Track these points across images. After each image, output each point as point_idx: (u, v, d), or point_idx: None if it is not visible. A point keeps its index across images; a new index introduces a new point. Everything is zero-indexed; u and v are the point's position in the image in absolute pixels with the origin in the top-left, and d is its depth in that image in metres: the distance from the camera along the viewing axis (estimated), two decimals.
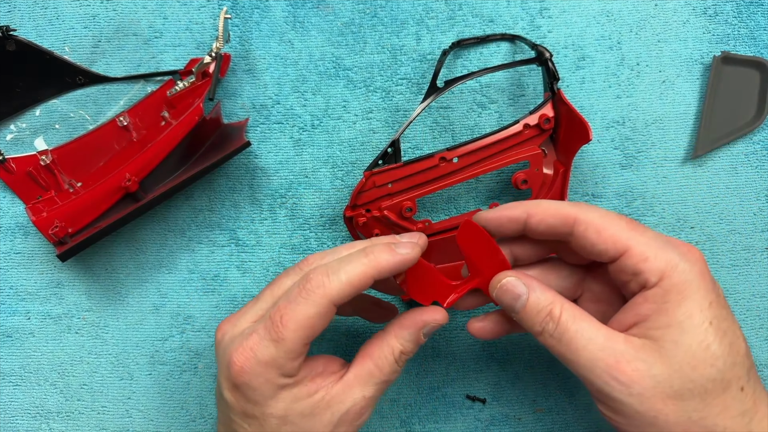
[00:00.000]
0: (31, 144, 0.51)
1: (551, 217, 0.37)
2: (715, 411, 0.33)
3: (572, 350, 0.35)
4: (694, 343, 0.33)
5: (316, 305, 0.36)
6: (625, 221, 0.36)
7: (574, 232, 0.36)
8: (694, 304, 0.34)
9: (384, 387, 0.39)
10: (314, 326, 0.36)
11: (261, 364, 0.36)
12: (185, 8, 0.51)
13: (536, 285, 0.37)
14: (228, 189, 0.51)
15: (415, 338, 0.39)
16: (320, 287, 0.36)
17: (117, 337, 0.51)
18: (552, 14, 0.51)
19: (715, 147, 0.51)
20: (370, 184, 0.47)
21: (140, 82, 0.51)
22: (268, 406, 0.37)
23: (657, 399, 0.33)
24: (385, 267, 0.37)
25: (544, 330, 0.36)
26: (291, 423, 0.37)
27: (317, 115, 0.51)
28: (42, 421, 0.51)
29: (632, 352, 0.34)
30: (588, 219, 0.36)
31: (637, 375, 0.33)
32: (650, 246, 0.35)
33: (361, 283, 0.36)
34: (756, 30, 0.51)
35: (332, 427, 0.37)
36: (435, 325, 0.39)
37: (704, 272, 0.35)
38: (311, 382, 0.38)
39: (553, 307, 0.36)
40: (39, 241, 0.51)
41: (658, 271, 0.34)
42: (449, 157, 0.47)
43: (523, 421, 0.51)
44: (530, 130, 0.47)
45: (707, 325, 0.34)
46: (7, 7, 0.51)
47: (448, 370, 0.51)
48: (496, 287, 0.38)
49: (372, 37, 0.51)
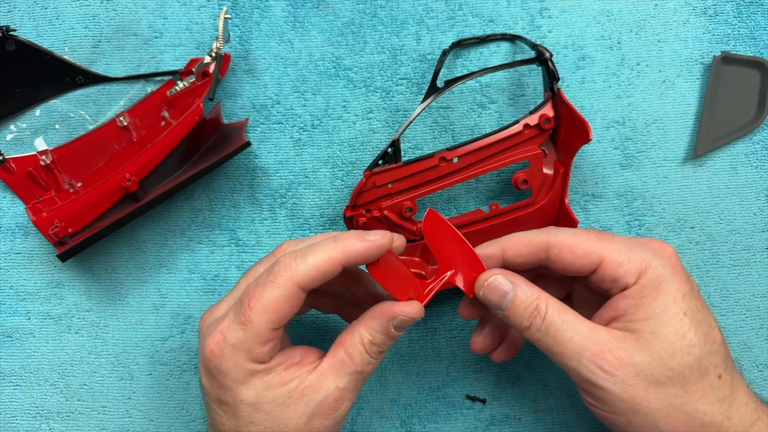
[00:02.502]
0: (31, 144, 0.51)
1: (525, 248, 0.39)
2: (695, 397, 0.35)
3: (558, 342, 0.36)
4: (671, 333, 0.35)
5: (282, 288, 0.36)
6: (594, 234, 0.38)
7: (550, 255, 0.38)
8: (668, 297, 0.36)
9: (359, 378, 0.38)
10: (280, 310, 0.37)
11: (230, 347, 0.36)
12: (185, 8, 0.51)
13: (521, 282, 0.38)
14: (228, 189, 0.51)
15: (384, 329, 0.38)
16: (287, 271, 0.36)
17: (117, 337, 0.51)
18: (552, 14, 0.51)
19: (715, 147, 0.51)
20: (370, 184, 0.47)
21: (140, 82, 0.51)
22: (239, 391, 0.37)
23: (639, 386, 0.35)
24: (353, 252, 0.37)
25: (532, 325, 0.37)
26: (263, 411, 0.37)
27: (317, 115, 0.51)
28: (42, 421, 0.51)
29: (614, 341, 0.36)
30: (559, 241, 0.38)
31: (620, 363, 0.35)
32: (622, 252, 0.37)
33: (328, 268, 0.37)
34: (756, 30, 0.51)
35: (306, 418, 0.37)
36: (406, 318, 0.38)
37: (676, 267, 0.37)
38: (285, 371, 0.38)
39: (539, 302, 0.37)
40: (39, 241, 0.51)
41: (635, 271, 0.36)
42: (449, 157, 0.47)
43: (523, 421, 0.51)
44: (530, 130, 0.47)
45: (682, 315, 0.36)
46: (7, 7, 0.51)
47: (448, 370, 0.51)
48: (483, 286, 0.39)
49: (372, 37, 0.51)
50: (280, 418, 0.37)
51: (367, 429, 0.51)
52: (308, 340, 0.51)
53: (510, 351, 0.44)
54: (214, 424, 0.39)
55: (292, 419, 0.37)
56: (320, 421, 0.38)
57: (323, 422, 0.38)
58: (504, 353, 0.44)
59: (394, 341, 0.39)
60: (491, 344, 0.44)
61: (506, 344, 0.44)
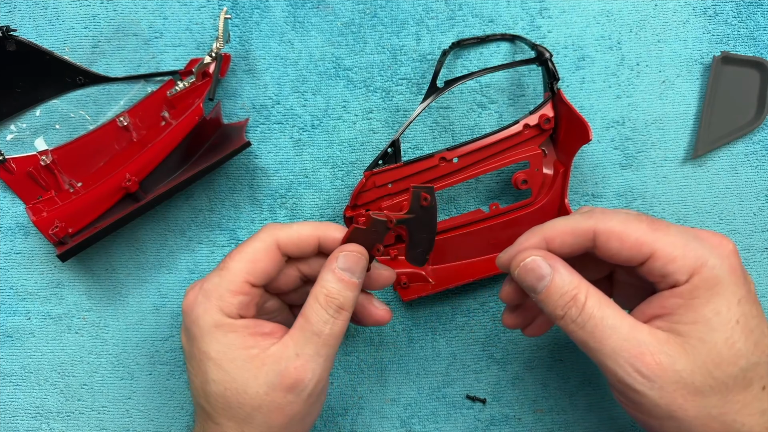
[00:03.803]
0: (32, 144, 0.51)
1: (569, 237, 0.36)
2: (735, 408, 0.33)
3: (596, 338, 0.34)
4: (720, 341, 0.33)
5: (262, 241, 0.39)
6: (647, 223, 0.35)
7: (596, 244, 0.35)
8: (722, 300, 0.33)
9: (319, 342, 0.37)
10: (258, 261, 0.38)
11: (204, 292, 0.38)
12: (185, 8, 0.51)
13: (561, 267, 0.35)
14: (228, 189, 0.51)
15: (335, 276, 0.37)
16: (270, 229, 0.39)
17: (117, 337, 0.51)
18: (552, 14, 0.51)
19: (715, 147, 0.51)
20: (370, 184, 0.47)
21: (140, 83, 0.51)
22: (204, 342, 0.37)
23: (678, 394, 0.33)
24: (332, 238, 0.39)
25: (567, 315, 0.35)
26: (224, 371, 0.37)
27: (317, 115, 0.51)
28: (42, 421, 0.51)
29: (656, 344, 0.33)
30: (607, 228, 0.35)
31: (660, 369, 0.33)
32: (676, 245, 0.34)
33: (307, 239, 0.39)
34: (756, 30, 0.51)
35: (267, 388, 0.36)
36: (348, 255, 0.38)
37: (735, 267, 0.34)
38: (250, 336, 0.38)
39: (578, 292, 0.35)
40: (39, 241, 0.51)
41: (688, 269, 0.33)
42: (449, 157, 0.47)
43: (523, 421, 0.51)
44: (530, 130, 0.47)
45: (734, 323, 0.33)
46: (7, 7, 0.51)
47: (448, 370, 0.51)
48: (519, 266, 0.36)
49: (372, 37, 0.51)
50: (240, 381, 0.37)
51: (367, 429, 0.51)
52: None
53: (544, 326, 0.42)
54: (190, 386, 0.40)
55: (252, 386, 0.36)
56: (282, 394, 0.36)
57: (285, 396, 0.36)
58: (538, 328, 0.42)
59: (351, 291, 0.37)
60: (523, 321, 0.42)
61: (541, 319, 0.41)
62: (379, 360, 0.51)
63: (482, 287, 0.51)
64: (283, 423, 0.37)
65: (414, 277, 0.49)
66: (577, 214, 0.37)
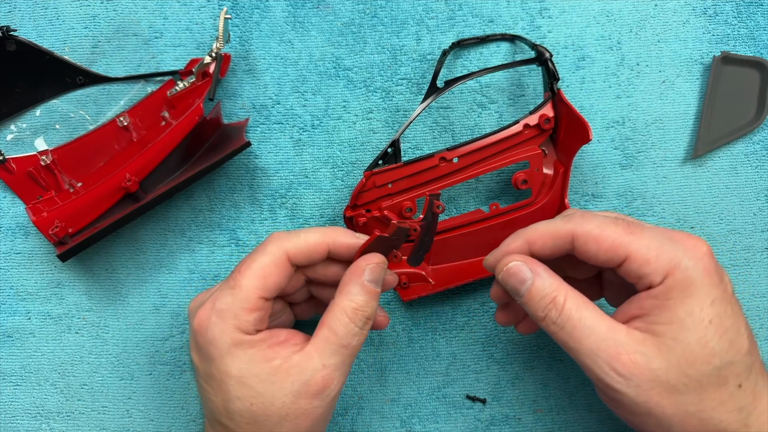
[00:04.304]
0: (32, 144, 0.51)
1: (549, 240, 0.38)
2: (710, 405, 0.34)
3: (574, 338, 0.35)
4: (693, 341, 0.34)
5: (271, 255, 0.38)
6: (623, 227, 0.36)
7: (575, 246, 0.37)
8: (695, 301, 0.34)
9: (344, 353, 0.38)
10: (269, 276, 0.38)
11: (218, 312, 0.38)
12: (185, 8, 0.51)
13: (542, 271, 0.37)
14: (228, 189, 0.51)
15: (361, 288, 0.38)
16: (277, 241, 0.39)
17: (117, 337, 0.51)
18: (552, 14, 0.51)
19: (715, 147, 0.51)
20: (370, 184, 0.47)
21: (140, 83, 0.51)
22: (224, 363, 0.37)
23: (654, 392, 0.34)
24: (339, 242, 0.40)
25: (547, 316, 0.36)
26: (248, 386, 0.37)
27: (317, 115, 0.51)
28: (42, 421, 0.51)
29: (633, 344, 0.34)
30: (585, 232, 0.36)
31: (636, 367, 0.34)
32: (651, 248, 0.35)
33: (316, 245, 0.39)
34: (756, 30, 0.51)
35: (293, 397, 0.37)
36: (375, 267, 0.39)
37: (709, 268, 0.35)
38: (270, 348, 0.38)
39: (557, 294, 0.36)
40: (39, 241, 0.51)
41: (662, 271, 0.34)
42: (449, 157, 0.47)
43: (523, 421, 0.51)
44: (530, 130, 0.47)
45: (707, 323, 0.34)
46: (7, 7, 0.51)
47: (448, 370, 0.51)
48: (502, 270, 0.38)
49: (372, 37, 0.51)
50: (266, 395, 0.37)
51: (367, 429, 0.51)
52: None
53: (534, 324, 0.42)
54: (205, 404, 0.40)
55: (278, 397, 0.37)
56: (308, 401, 0.37)
57: (312, 402, 0.37)
58: (528, 326, 0.43)
59: (376, 301, 0.39)
60: (515, 318, 0.43)
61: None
62: (379, 360, 0.51)
63: (482, 287, 0.51)
64: (308, 426, 0.38)
65: (414, 277, 0.49)
66: (559, 218, 0.38)
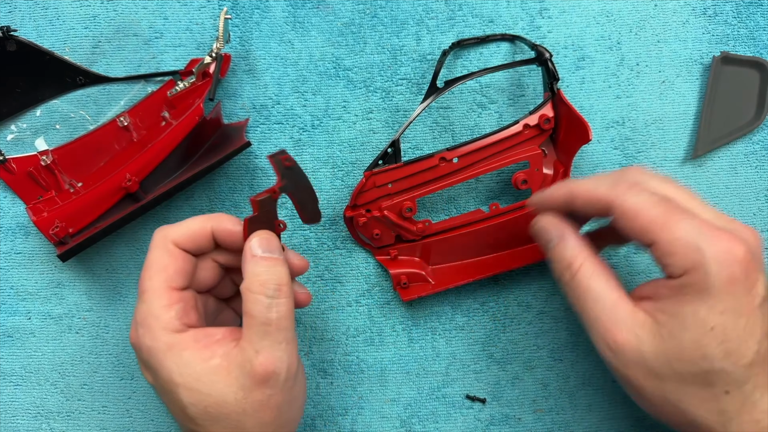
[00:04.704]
0: (32, 144, 0.51)
1: (590, 202, 0.37)
2: (691, 401, 0.35)
3: (580, 303, 0.37)
4: (687, 341, 0.34)
5: (158, 247, 0.39)
6: (663, 210, 0.34)
7: (613, 214, 0.36)
8: (704, 306, 0.33)
9: (272, 330, 0.36)
10: (166, 267, 0.38)
11: (141, 323, 0.38)
12: (185, 8, 0.51)
13: (567, 235, 0.39)
14: (228, 189, 0.51)
15: (257, 260, 0.38)
16: (160, 232, 0.40)
17: (117, 337, 0.51)
18: (552, 14, 0.51)
19: (714, 147, 0.51)
20: (370, 184, 0.47)
21: (141, 83, 0.51)
22: (166, 370, 0.37)
23: (638, 372, 0.35)
24: (224, 227, 0.40)
25: (561, 277, 0.38)
26: (195, 390, 0.36)
27: (317, 115, 0.51)
28: (42, 421, 0.51)
29: (630, 324, 0.35)
30: (623, 206, 0.35)
31: (626, 346, 0.35)
32: (679, 241, 0.34)
33: (198, 230, 0.40)
34: (755, 30, 0.51)
35: (243, 392, 0.36)
36: (260, 239, 0.39)
37: (735, 277, 0.33)
38: (206, 348, 0.37)
39: (574, 261, 0.38)
40: (40, 241, 0.51)
41: (682, 267, 0.34)
42: (449, 158, 0.47)
43: (523, 421, 0.51)
44: (530, 130, 0.47)
45: (708, 329, 0.33)
46: (7, 7, 0.51)
47: (447, 370, 0.51)
48: (534, 226, 0.41)
49: (372, 37, 0.51)
50: (215, 395, 0.36)
51: (367, 429, 0.51)
52: (307, 339, 0.51)
53: None
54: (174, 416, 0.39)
55: (229, 394, 0.36)
56: (260, 391, 0.36)
57: (264, 391, 0.36)
58: None
59: (279, 267, 0.38)
60: None
61: None
62: (379, 360, 0.51)
63: (482, 287, 0.51)
64: (274, 416, 0.37)
65: (414, 277, 0.49)
66: (609, 179, 0.37)
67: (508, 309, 0.51)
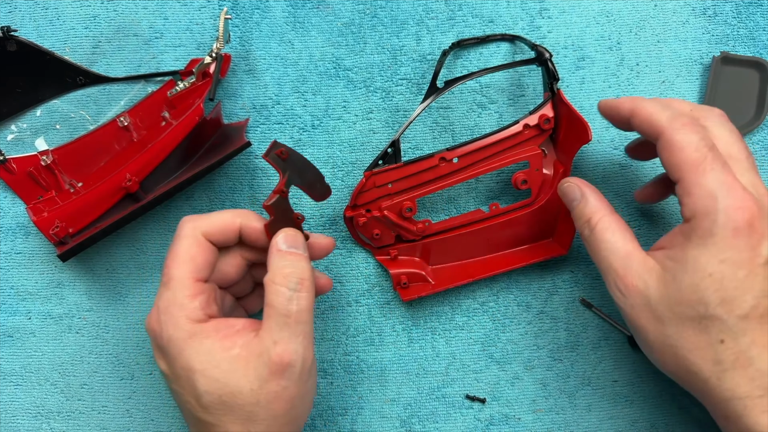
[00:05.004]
0: (32, 144, 0.51)
1: (646, 123, 0.40)
2: (687, 346, 0.37)
3: (596, 253, 0.41)
4: (686, 284, 0.36)
5: (188, 237, 0.40)
6: (703, 155, 0.37)
7: (658, 143, 0.39)
8: (707, 252, 0.36)
9: (291, 322, 0.38)
10: (195, 257, 0.39)
11: (164, 311, 0.38)
12: (186, 9, 0.51)
13: (589, 194, 0.42)
14: (228, 189, 0.51)
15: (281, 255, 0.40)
16: (190, 222, 0.40)
17: (118, 337, 0.51)
18: (552, 14, 0.51)
19: None
20: (370, 184, 0.47)
21: (141, 83, 0.51)
22: (184, 358, 0.37)
23: (643, 315, 0.38)
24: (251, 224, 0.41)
25: (582, 231, 0.42)
26: (213, 378, 0.37)
27: (317, 115, 0.51)
28: (43, 421, 0.51)
29: (639, 270, 0.38)
30: (670, 139, 0.38)
31: (634, 290, 0.38)
32: (701, 186, 0.36)
33: (227, 224, 0.41)
34: (755, 30, 0.51)
35: (259, 383, 0.37)
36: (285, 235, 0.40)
37: (741, 231, 0.35)
38: (226, 338, 0.38)
39: (593, 216, 0.41)
40: (40, 241, 0.51)
41: (693, 210, 0.36)
42: (449, 158, 0.47)
43: (522, 421, 0.51)
44: (530, 130, 0.47)
45: (707, 275, 0.35)
46: (7, 7, 0.51)
47: (447, 370, 0.51)
48: (561, 187, 0.45)
49: (372, 37, 0.51)
50: (232, 384, 0.37)
51: (367, 429, 0.51)
52: None
53: None
54: (182, 408, 0.40)
55: (245, 385, 0.37)
56: (275, 382, 0.37)
57: (279, 383, 0.37)
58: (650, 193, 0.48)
59: (302, 263, 0.40)
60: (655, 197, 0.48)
61: None
62: (379, 360, 0.51)
63: (482, 287, 0.51)
64: (285, 409, 0.38)
65: (414, 277, 0.49)
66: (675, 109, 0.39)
67: (507, 309, 0.51)
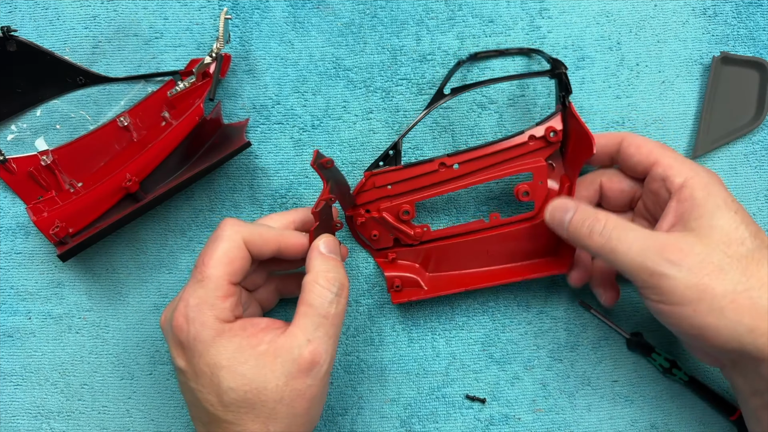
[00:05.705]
0: (32, 144, 0.51)
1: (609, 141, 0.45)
2: (756, 284, 0.37)
3: (623, 242, 0.39)
4: (725, 225, 0.38)
5: (230, 240, 0.40)
6: (661, 145, 0.43)
7: (620, 148, 0.44)
8: (719, 197, 0.39)
9: (327, 323, 0.39)
10: (233, 261, 0.39)
11: (194, 308, 0.38)
12: (186, 9, 0.51)
13: (582, 204, 0.43)
14: (228, 189, 0.51)
15: (325, 258, 0.41)
16: (233, 227, 0.41)
17: (118, 337, 0.51)
18: (552, 15, 0.51)
19: (714, 147, 0.51)
20: (370, 184, 0.47)
21: (141, 83, 0.51)
22: (212, 355, 0.38)
23: (704, 272, 0.37)
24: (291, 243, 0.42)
25: (592, 231, 0.40)
26: (240, 374, 0.37)
27: (317, 115, 0.51)
28: (43, 421, 0.51)
29: (674, 239, 0.39)
30: (634, 140, 0.44)
31: (683, 253, 0.38)
32: (677, 160, 0.42)
33: (271, 240, 0.41)
34: (755, 30, 0.51)
35: (286, 379, 0.37)
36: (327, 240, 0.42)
37: (722, 182, 0.41)
38: (253, 336, 0.39)
39: (598, 214, 0.41)
40: (40, 241, 0.51)
41: (683, 174, 0.41)
42: (449, 163, 0.47)
43: (522, 421, 0.51)
44: (536, 141, 0.46)
45: (733, 213, 0.39)
46: (8, 7, 0.51)
47: (447, 370, 0.51)
48: (549, 209, 0.43)
49: (372, 37, 0.51)
50: (258, 380, 0.37)
51: (366, 429, 0.51)
52: None
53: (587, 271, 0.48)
54: (197, 406, 0.39)
55: (271, 380, 0.37)
56: (301, 380, 0.38)
57: (305, 381, 0.38)
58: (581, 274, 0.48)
59: (341, 269, 0.41)
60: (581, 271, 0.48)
61: None
62: (379, 360, 0.51)
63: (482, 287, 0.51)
64: (305, 407, 0.38)
65: (408, 281, 0.49)
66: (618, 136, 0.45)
67: (507, 309, 0.51)
